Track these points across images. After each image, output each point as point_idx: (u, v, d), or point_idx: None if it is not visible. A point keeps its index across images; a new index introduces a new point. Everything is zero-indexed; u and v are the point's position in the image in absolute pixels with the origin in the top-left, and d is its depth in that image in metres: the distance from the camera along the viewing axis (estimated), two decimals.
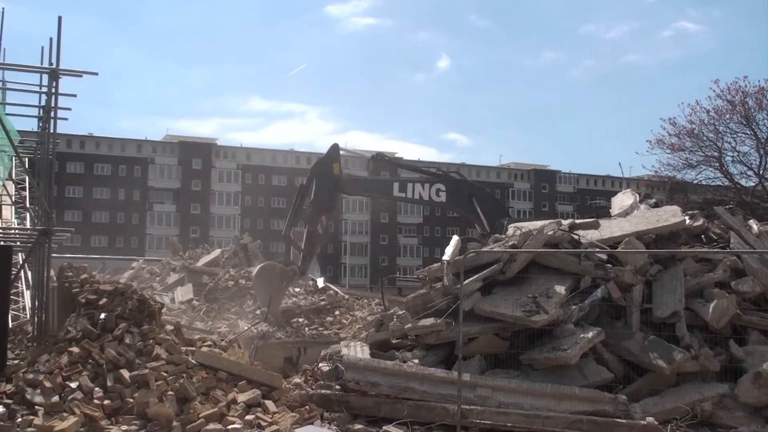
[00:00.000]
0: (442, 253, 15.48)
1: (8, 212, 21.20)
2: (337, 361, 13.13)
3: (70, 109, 14.24)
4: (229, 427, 10.82)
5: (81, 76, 13.80)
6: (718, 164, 39.69)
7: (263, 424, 11.02)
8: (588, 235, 15.48)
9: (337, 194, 23.16)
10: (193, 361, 12.20)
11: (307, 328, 22.39)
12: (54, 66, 13.62)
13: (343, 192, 23.57)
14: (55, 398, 10.74)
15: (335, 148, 22.87)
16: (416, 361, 13.38)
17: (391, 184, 24.31)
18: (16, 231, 16.76)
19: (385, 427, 11.55)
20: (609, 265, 14.18)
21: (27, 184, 20.62)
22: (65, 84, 16.07)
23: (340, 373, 12.58)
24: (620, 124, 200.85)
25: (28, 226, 18.48)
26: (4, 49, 21.36)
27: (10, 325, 14.06)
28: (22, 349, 13.36)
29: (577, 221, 16.38)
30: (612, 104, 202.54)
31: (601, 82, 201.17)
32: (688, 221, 16.08)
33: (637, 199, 18.68)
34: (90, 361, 11.61)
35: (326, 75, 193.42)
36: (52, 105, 13.67)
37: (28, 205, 20.40)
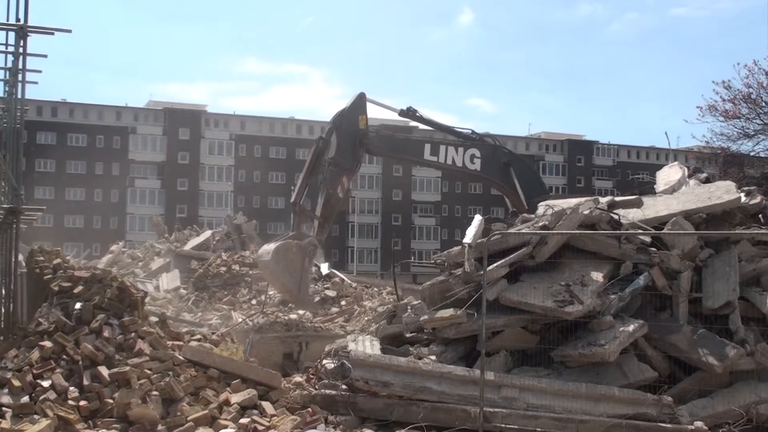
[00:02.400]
0: (463, 235, 15.43)
1: None
2: (343, 357, 13.12)
3: (40, 71, 14.25)
4: (222, 431, 10.86)
5: (53, 33, 13.80)
6: None
7: (260, 428, 11.07)
8: (629, 215, 15.45)
9: (362, 151, 22.74)
10: (180, 357, 12.26)
11: (309, 321, 22.48)
12: (21, 22, 13.61)
13: (368, 151, 23.15)
14: (25, 399, 10.81)
15: (362, 97, 22.49)
16: (433, 357, 13.41)
17: (422, 144, 24.10)
18: None
19: None
20: (653, 248, 14.15)
21: None
22: (35, 43, 16.04)
23: (346, 371, 12.59)
24: (667, 87, 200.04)
25: None
26: None
27: None
28: None
29: (617, 199, 16.34)
30: (657, 65, 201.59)
31: (644, 39, 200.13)
32: (743, 198, 16.01)
33: (686, 173, 18.60)
34: (64, 357, 11.68)
35: (331, 32, 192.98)
36: (20, 67, 13.68)
37: None
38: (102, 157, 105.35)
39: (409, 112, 24.24)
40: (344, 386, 12.64)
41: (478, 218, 15.95)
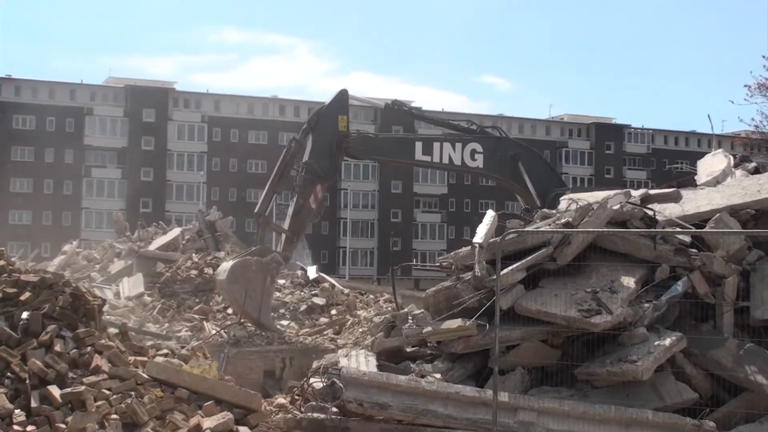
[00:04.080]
0: (473, 234, 15.41)
1: None
2: (333, 375, 13.05)
3: None
4: None
5: None
6: None
7: None
8: (666, 211, 15.45)
9: (341, 156, 23.19)
10: (144, 375, 12.27)
11: (294, 333, 22.50)
12: None
13: (349, 154, 23.58)
14: None
15: (344, 94, 22.86)
16: (438, 375, 13.42)
17: (412, 143, 24.37)
18: None
19: None
20: (693, 249, 14.17)
21: None
22: None
23: (337, 392, 12.56)
24: (709, 63, 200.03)
25: None
26: None
27: None
28: None
29: (652, 192, 16.35)
30: (698, 37, 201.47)
31: (683, 6, 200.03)
32: None
33: (731, 162, 18.60)
34: (8, 374, 11.65)
35: None
36: None
37: None
38: (53, 142, 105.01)
39: (395, 106, 24.88)
40: (335, 409, 12.59)
41: (490, 214, 15.91)
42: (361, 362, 14.05)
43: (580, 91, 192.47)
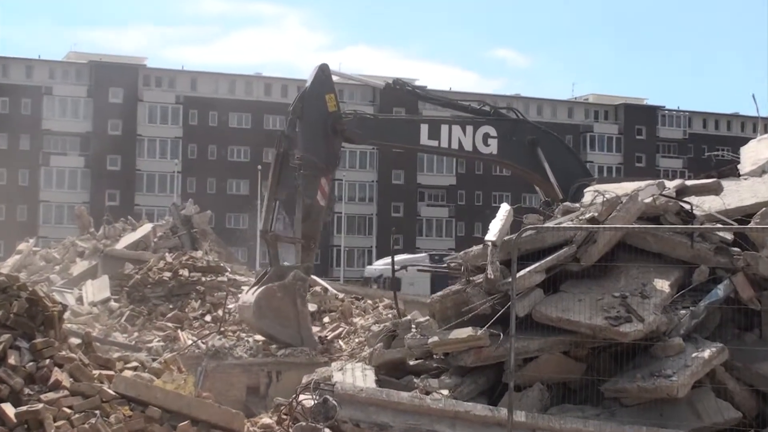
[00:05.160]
0: (485, 231, 15.38)
1: None
2: (326, 391, 13.10)
3: None
4: None
5: None
6: None
7: None
8: (705, 204, 15.43)
9: (339, 141, 23.17)
10: (110, 391, 12.23)
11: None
12: None
13: (345, 138, 23.55)
14: None
15: (324, 70, 22.87)
16: (445, 392, 13.42)
17: (417, 126, 24.34)
18: None
19: None
20: (736, 248, 14.16)
21: None
22: None
23: (330, 410, 12.58)
24: (755, 35, 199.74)
25: None
26: None
27: None
28: None
29: (689, 183, 16.35)
30: (742, 5, 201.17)
31: None
32: None
33: None
34: None
35: None
36: None
37: None
38: (7, 126, 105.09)
39: (396, 86, 24.85)
40: (327, 430, 12.57)
41: (505, 208, 15.90)
42: (357, 377, 14.09)
43: (608, 67, 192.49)
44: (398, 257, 40.52)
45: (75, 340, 13.82)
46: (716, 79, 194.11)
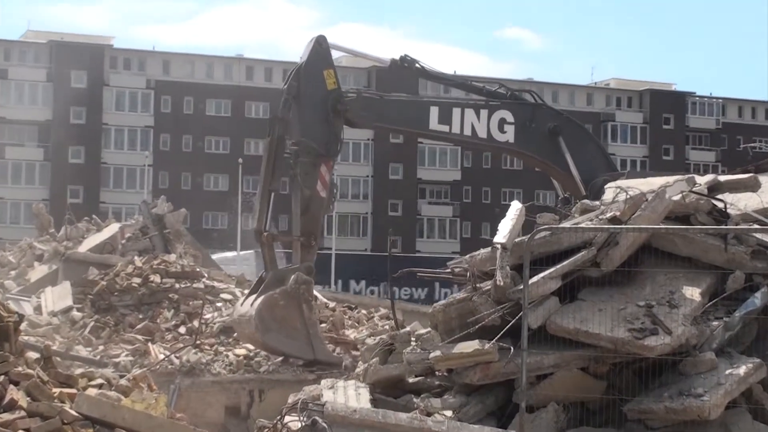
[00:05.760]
0: (494, 232, 15.21)
1: None
2: (315, 412, 12.84)
3: None
4: None
5: None
6: None
7: None
8: (740, 202, 15.37)
9: (340, 122, 22.87)
10: (72, 411, 11.99)
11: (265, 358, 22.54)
12: None
13: (349, 121, 23.29)
14: None
15: (322, 42, 22.70)
16: (449, 413, 13.38)
17: (426, 108, 24.16)
18: None
19: None
20: None
21: None
22: None
23: None
24: None
25: None
26: None
27: None
28: None
29: (723, 178, 16.26)
30: None
31: None
32: None
33: None
34: None
35: None
36: None
37: None
38: None
39: (404, 63, 24.28)
40: None
41: (516, 206, 15.75)
42: (350, 396, 14.12)
43: (631, 49, 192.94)
44: None
45: (33, 355, 13.61)
46: (752, 62, 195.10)
